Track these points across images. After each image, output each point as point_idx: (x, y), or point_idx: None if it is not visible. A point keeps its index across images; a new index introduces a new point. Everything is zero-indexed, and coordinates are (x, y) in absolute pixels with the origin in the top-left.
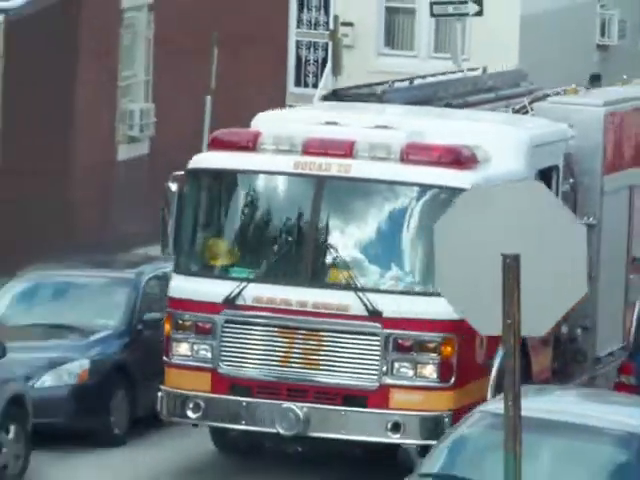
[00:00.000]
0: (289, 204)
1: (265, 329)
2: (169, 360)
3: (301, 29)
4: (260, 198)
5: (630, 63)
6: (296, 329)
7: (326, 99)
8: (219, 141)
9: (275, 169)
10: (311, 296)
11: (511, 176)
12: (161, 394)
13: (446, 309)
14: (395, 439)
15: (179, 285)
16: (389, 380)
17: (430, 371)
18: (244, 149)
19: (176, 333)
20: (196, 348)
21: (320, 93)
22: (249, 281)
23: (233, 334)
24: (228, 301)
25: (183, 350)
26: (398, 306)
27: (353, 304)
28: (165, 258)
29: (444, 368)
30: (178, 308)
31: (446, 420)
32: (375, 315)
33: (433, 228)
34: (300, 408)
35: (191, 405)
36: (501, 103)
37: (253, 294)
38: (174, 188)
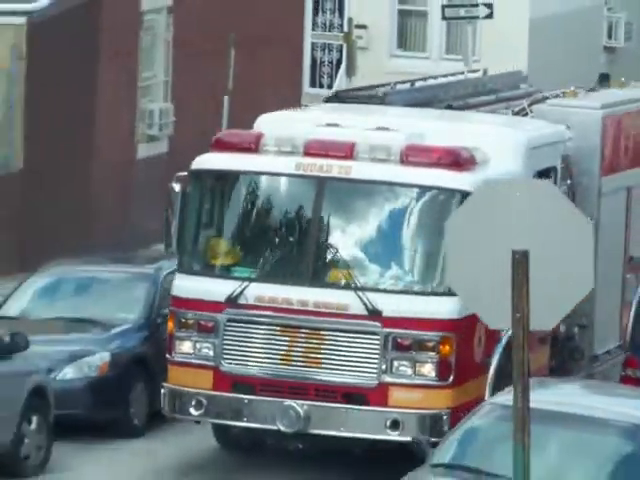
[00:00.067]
0: (290, 205)
1: (267, 328)
2: (172, 358)
3: (316, 31)
4: (262, 199)
5: (636, 65)
6: (297, 328)
7: (329, 101)
8: (222, 142)
9: (277, 170)
10: (312, 295)
11: (509, 177)
12: (164, 391)
13: (444, 309)
14: (394, 436)
15: (182, 284)
16: (388, 378)
17: (429, 370)
18: (246, 150)
19: (179, 331)
20: (199, 346)
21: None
22: (251, 280)
23: (235, 333)
24: (230, 300)
25: (186, 348)
26: (397, 305)
27: (353, 303)
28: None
29: (442, 367)
30: (181, 307)
31: (444, 418)
32: (375, 314)
33: (444, 225)
34: (301, 406)
35: (193, 402)
36: (501, 105)
37: (255, 293)
38: (177, 188)
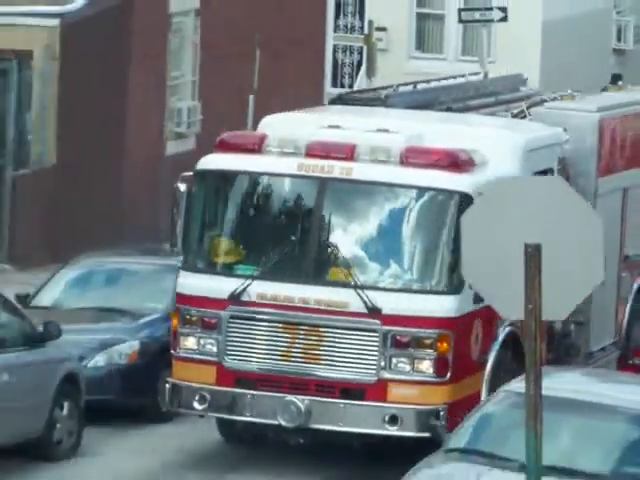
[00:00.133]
0: (293, 205)
1: (268, 325)
2: (176, 353)
3: (338, 33)
4: (265, 199)
5: None
6: (298, 325)
7: (333, 103)
8: (226, 143)
9: (279, 171)
10: (313, 293)
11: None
12: (168, 386)
13: (442, 307)
14: (392, 431)
15: (186, 282)
16: (387, 374)
17: (427, 366)
18: (250, 151)
19: (183, 328)
20: (202, 342)
21: None
22: (254, 278)
23: (238, 329)
24: (233, 297)
25: (190, 344)
26: (396, 304)
27: (353, 301)
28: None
29: (440, 363)
30: (185, 304)
31: (442, 413)
32: (374, 312)
33: (461, 220)
34: (301, 401)
35: (197, 397)
36: (501, 107)
37: (257, 291)
38: (183, 188)
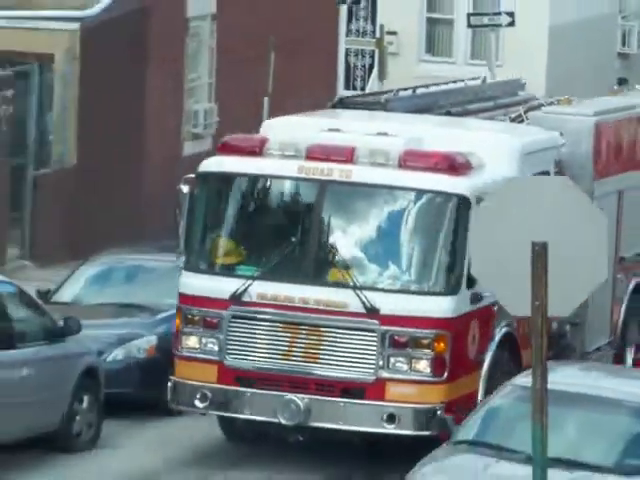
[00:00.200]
0: (293, 206)
1: (269, 324)
2: (179, 352)
3: (350, 37)
4: (266, 200)
5: None
6: (298, 325)
7: (334, 107)
8: (228, 146)
9: (280, 173)
10: (313, 294)
11: (503, 182)
12: (171, 384)
13: (440, 307)
14: (390, 429)
15: (189, 282)
16: (385, 374)
17: (424, 366)
18: (251, 154)
19: (185, 327)
20: (204, 341)
21: None
22: (254, 279)
23: (239, 329)
24: (234, 297)
25: (192, 343)
26: (395, 304)
27: (352, 302)
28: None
29: (437, 363)
30: (188, 303)
31: (439, 412)
32: (373, 312)
33: (469, 218)
34: (301, 399)
35: (198, 395)
36: (499, 111)
37: (258, 291)
38: (186, 190)
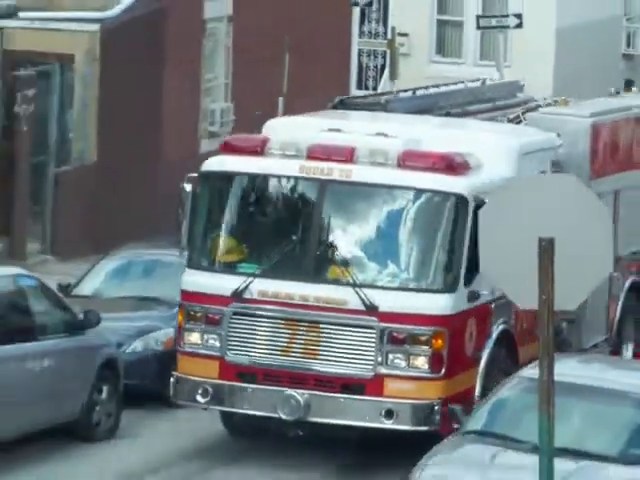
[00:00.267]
0: (294, 205)
1: (269, 321)
2: (181, 348)
3: (363, 39)
4: (267, 199)
5: None
6: (298, 321)
7: (335, 107)
8: (230, 146)
9: (281, 172)
10: (313, 291)
11: (501, 182)
12: (173, 379)
13: (437, 305)
14: (388, 425)
15: (191, 279)
16: (384, 370)
17: (422, 362)
18: (253, 153)
19: (187, 323)
20: (206, 337)
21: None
22: (255, 276)
23: (240, 325)
24: (236, 294)
25: (194, 339)
26: (393, 302)
27: (351, 299)
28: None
29: (435, 360)
30: (190, 300)
31: (436, 408)
32: (372, 310)
33: (479, 214)
34: (301, 395)
35: (200, 390)
36: (498, 113)
37: (259, 288)
38: (188, 188)
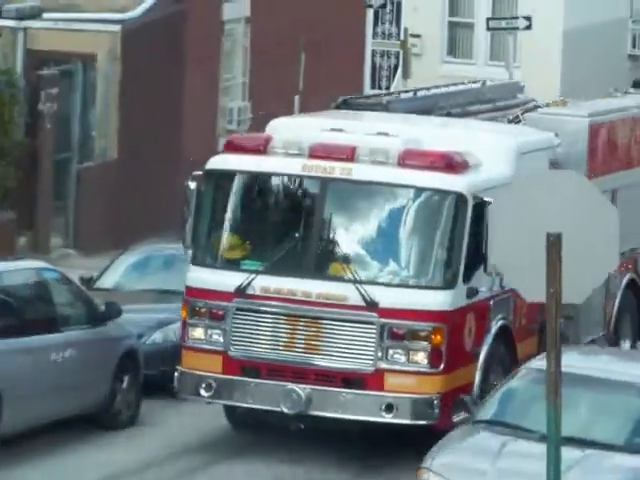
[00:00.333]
0: (296, 203)
1: (272, 316)
2: (185, 343)
3: (376, 39)
4: (270, 197)
5: None
6: (300, 317)
7: (338, 107)
8: (234, 145)
9: (284, 171)
10: (314, 287)
11: (500, 181)
12: (177, 374)
13: (437, 301)
14: (388, 419)
15: (195, 275)
16: (384, 365)
17: (421, 357)
18: (256, 152)
19: (192, 319)
20: (209, 332)
21: None
22: (258, 273)
23: (243, 320)
24: (239, 291)
25: (198, 334)
26: (393, 298)
27: (352, 295)
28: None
29: (434, 355)
30: (194, 296)
31: (435, 402)
32: (372, 306)
33: (488, 211)
34: (302, 389)
35: (204, 385)
36: (498, 113)
37: (262, 284)
38: (193, 186)
